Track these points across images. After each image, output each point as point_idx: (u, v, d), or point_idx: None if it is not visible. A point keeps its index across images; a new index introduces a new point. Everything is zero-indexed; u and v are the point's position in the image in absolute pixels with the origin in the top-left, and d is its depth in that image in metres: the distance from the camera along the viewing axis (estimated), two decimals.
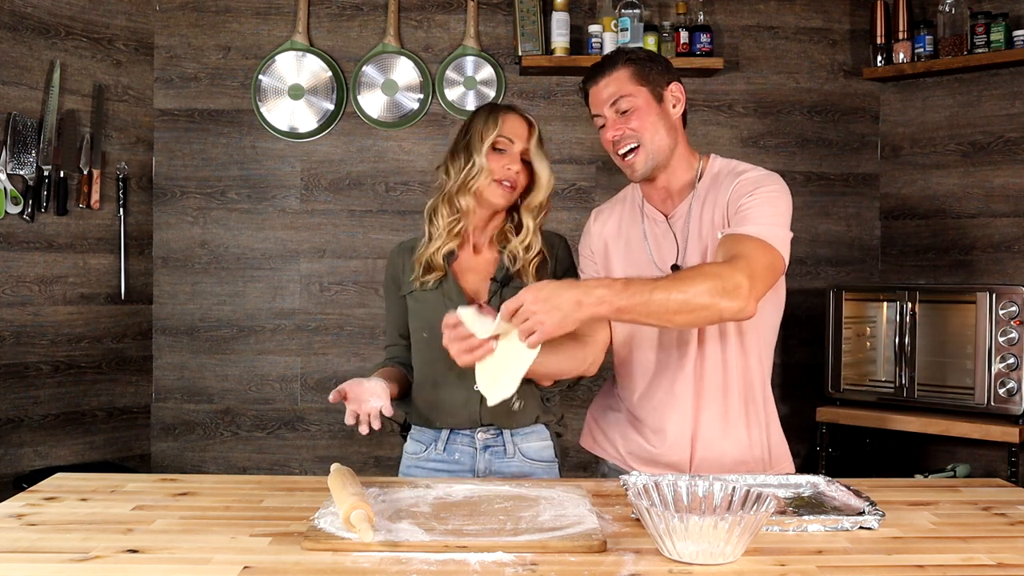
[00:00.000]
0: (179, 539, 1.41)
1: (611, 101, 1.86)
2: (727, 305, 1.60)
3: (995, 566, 1.32)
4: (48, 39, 3.14)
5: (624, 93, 1.85)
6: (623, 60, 1.88)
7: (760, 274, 1.65)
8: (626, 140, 1.85)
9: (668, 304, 1.56)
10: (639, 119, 1.85)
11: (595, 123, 1.95)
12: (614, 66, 1.88)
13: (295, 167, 3.48)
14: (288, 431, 3.47)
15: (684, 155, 1.91)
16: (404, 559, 1.31)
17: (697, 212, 1.88)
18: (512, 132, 2.00)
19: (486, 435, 2.00)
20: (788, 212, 1.81)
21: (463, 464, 2.01)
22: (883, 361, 3.14)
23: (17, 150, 3.04)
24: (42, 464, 3.09)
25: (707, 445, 1.88)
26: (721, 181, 1.87)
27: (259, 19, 3.48)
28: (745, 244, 1.69)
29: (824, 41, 3.56)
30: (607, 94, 1.87)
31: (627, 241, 1.98)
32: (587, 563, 1.31)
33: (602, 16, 3.38)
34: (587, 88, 1.93)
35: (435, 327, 1.96)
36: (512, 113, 2.03)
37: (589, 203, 3.44)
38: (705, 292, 1.58)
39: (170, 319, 3.47)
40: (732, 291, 1.59)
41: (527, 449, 2.02)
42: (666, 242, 1.92)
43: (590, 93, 1.92)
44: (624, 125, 1.85)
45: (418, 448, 2.06)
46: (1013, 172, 3.28)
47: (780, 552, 1.37)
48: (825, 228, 3.58)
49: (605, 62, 1.91)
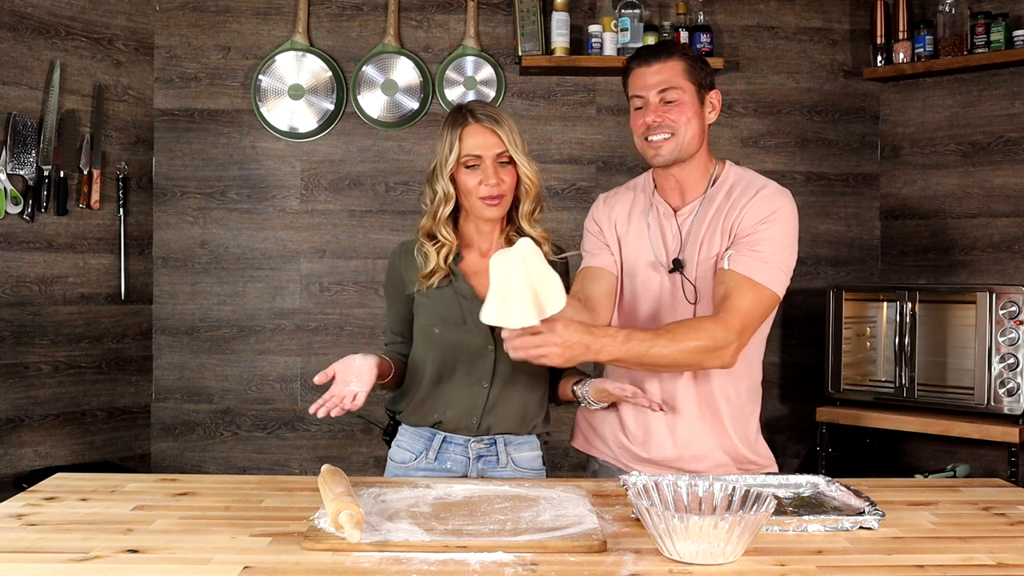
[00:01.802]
0: (179, 539, 1.41)
1: (660, 88, 1.90)
2: (712, 363, 1.80)
3: (995, 566, 1.32)
4: (48, 39, 3.14)
5: (675, 84, 1.90)
6: (679, 53, 1.92)
7: (751, 325, 1.83)
8: (663, 128, 1.90)
9: (661, 360, 1.76)
10: (680, 112, 1.90)
11: (632, 103, 1.96)
12: (670, 55, 1.91)
13: (295, 167, 3.48)
14: (288, 431, 3.47)
15: (703, 158, 1.97)
16: (404, 559, 1.31)
17: (705, 214, 1.93)
18: (476, 147, 1.93)
19: (479, 444, 1.98)
20: (795, 240, 1.92)
21: (455, 473, 1.98)
22: (883, 361, 3.14)
23: (17, 150, 3.04)
24: (42, 464, 3.09)
25: (686, 444, 1.93)
26: (736, 192, 1.93)
27: (259, 19, 3.48)
28: (745, 294, 1.81)
29: (824, 41, 3.56)
30: (657, 79, 1.90)
31: (635, 228, 2.02)
32: (587, 563, 1.31)
33: (602, 16, 3.38)
34: (635, 67, 1.94)
35: (448, 323, 1.97)
36: (471, 124, 1.94)
37: (589, 203, 3.41)
38: (695, 351, 1.76)
39: (170, 319, 3.47)
40: (720, 351, 1.78)
41: (519, 459, 2.00)
42: (670, 235, 1.96)
43: (637, 73, 1.93)
44: (665, 114, 1.89)
45: (406, 456, 2.02)
46: (1013, 172, 3.28)
47: (780, 552, 1.37)
48: (825, 228, 3.58)
49: (660, 48, 1.94)
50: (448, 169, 1.93)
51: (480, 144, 1.92)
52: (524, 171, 1.96)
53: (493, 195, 1.92)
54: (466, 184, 1.93)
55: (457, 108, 2.00)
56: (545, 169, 3.51)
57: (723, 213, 1.91)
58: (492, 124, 1.94)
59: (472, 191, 1.93)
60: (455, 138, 1.93)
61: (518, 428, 1.99)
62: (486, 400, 1.95)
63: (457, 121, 1.95)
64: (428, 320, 2.00)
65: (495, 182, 1.92)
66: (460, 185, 1.95)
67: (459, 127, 1.94)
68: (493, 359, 1.95)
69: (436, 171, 1.96)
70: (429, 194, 1.99)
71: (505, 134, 1.94)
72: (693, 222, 1.94)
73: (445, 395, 1.98)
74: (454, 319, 1.96)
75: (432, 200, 1.97)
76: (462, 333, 1.96)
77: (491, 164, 1.92)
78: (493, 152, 1.93)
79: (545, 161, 3.49)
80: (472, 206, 1.96)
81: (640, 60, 1.94)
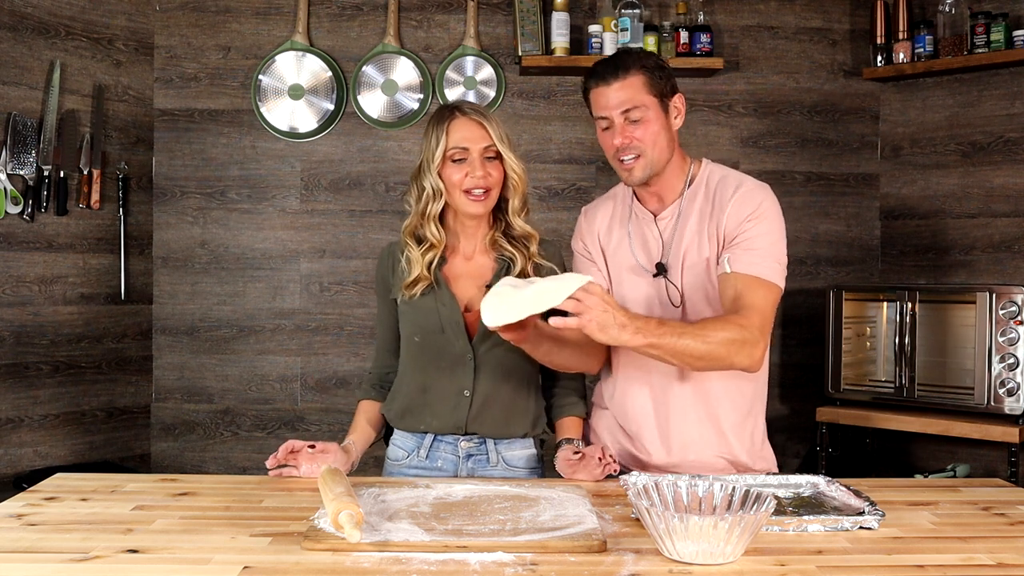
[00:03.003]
0: (179, 539, 1.41)
1: (623, 108, 1.85)
2: (740, 360, 1.75)
3: (995, 566, 1.32)
4: (48, 39, 3.14)
5: (637, 104, 1.85)
6: (637, 67, 1.85)
7: (769, 320, 1.81)
8: (631, 149, 1.86)
9: (692, 351, 1.69)
10: (646, 130, 1.86)
11: (597, 124, 1.93)
12: (627, 71, 1.85)
13: (295, 167, 3.48)
14: (288, 431, 3.47)
15: (677, 161, 1.94)
16: (404, 559, 1.31)
17: (686, 216, 1.92)
18: (464, 139, 1.91)
19: (469, 444, 1.98)
20: (783, 231, 1.89)
21: (446, 471, 1.98)
22: (883, 361, 3.14)
23: (17, 150, 3.04)
24: (42, 464, 3.09)
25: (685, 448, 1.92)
26: (715, 190, 1.91)
27: (259, 19, 3.48)
28: (755, 291, 1.80)
29: (824, 41, 3.56)
30: (618, 100, 1.85)
31: (616, 236, 2.01)
32: (587, 563, 1.31)
33: (602, 16, 3.38)
34: (593, 87, 1.89)
35: (427, 331, 1.96)
36: (458, 118, 1.92)
37: (589, 203, 3.43)
38: (726, 343, 1.72)
39: (170, 319, 3.47)
40: (749, 347, 1.74)
41: (510, 457, 2.00)
42: (652, 240, 1.95)
43: (598, 92, 1.88)
44: (631, 134, 1.85)
45: (400, 454, 2.02)
46: (1013, 172, 3.28)
47: (780, 552, 1.37)
48: (825, 228, 3.58)
49: (617, 64, 1.87)
50: (436, 164, 1.91)
51: (467, 136, 1.91)
52: (511, 165, 1.94)
53: (480, 187, 1.90)
54: (451, 178, 1.91)
55: (443, 106, 1.99)
56: (545, 169, 3.52)
57: (705, 216, 1.89)
58: (479, 117, 1.93)
59: (457, 184, 1.90)
60: (441, 132, 1.91)
61: (505, 432, 1.98)
62: (468, 408, 1.95)
63: (443, 116, 1.94)
64: (409, 328, 1.99)
65: (482, 174, 1.90)
66: (445, 180, 1.92)
67: (445, 121, 1.92)
68: (473, 367, 1.94)
69: (423, 168, 1.94)
70: (415, 192, 1.97)
71: (492, 128, 1.92)
72: (675, 226, 1.92)
73: (429, 404, 1.97)
74: (433, 327, 1.95)
75: (419, 198, 1.95)
76: (441, 342, 1.95)
77: (478, 157, 1.90)
78: (480, 145, 1.91)
79: (545, 161, 3.49)
80: (457, 202, 1.93)
81: (599, 79, 1.88)
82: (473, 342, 1.94)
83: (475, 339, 1.94)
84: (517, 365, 1.96)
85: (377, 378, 2.10)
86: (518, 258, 1.97)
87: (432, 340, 1.96)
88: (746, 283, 1.81)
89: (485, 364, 1.94)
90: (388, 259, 2.06)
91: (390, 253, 2.06)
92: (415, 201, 1.97)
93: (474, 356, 1.94)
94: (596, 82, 1.89)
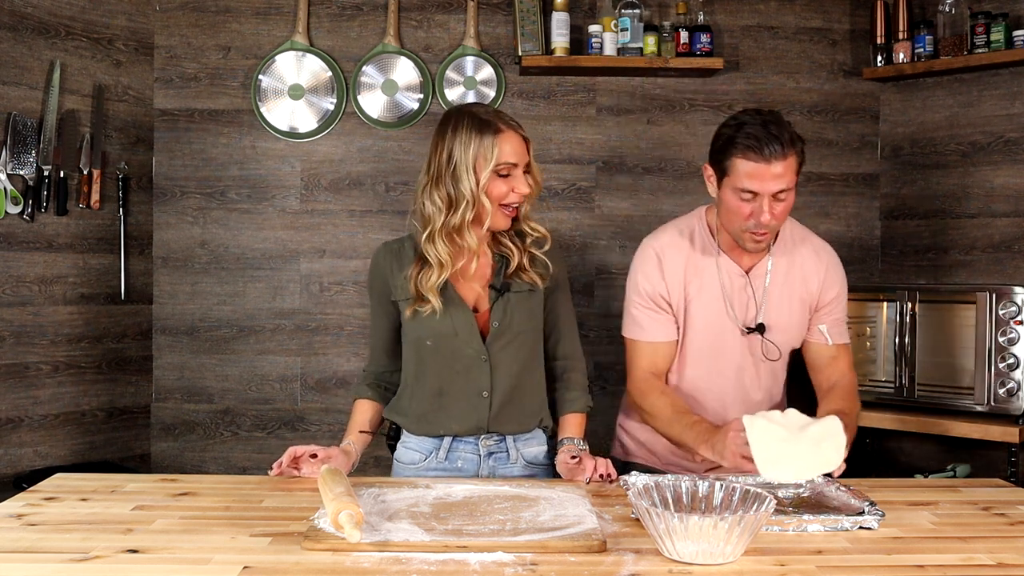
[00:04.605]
0: (179, 539, 1.41)
1: (779, 189, 1.86)
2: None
3: (995, 566, 1.32)
4: (48, 39, 3.14)
5: (790, 186, 1.88)
6: (792, 148, 1.86)
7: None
8: (773, 228, 1.91)
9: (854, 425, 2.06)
10: (786, 207, 1.91)
11: (736, 192, 1.88)
12: (785, 153, 1.84)
13: (295, 167, 3.48)
14: (288, 431, 3.47)
15: None
16: (404, 559, 1.31)
17: (775, 273, 2.04)
18: (513, 154, 1.89)
19: (490, 441, 1.99)
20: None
21: (466, 472, 2.00)
22: (883, 361, 3.14)
23: (17, 150, 3.04)
24: (42, 464, 3.09)
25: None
26: (796, 248, 2.07)
27: (259, 19, 3.48)
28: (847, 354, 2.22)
29: (824, 41, 3.56)
30: (777, 184, 1.85)
31: (705, 292, 2.04)
32: (587, 563, 1.31)
33: (602, 16, 3.38)
34: (754, 160, 1.83)
35: (440, 335, 1.96)
36: (507, 132, 1.89)
37: (589, 203, 3.44)
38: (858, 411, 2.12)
39: (170, 319, 3.47)
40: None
41: (528, 454, 2.02)
42: (745, 298, 2.03)
43: (756, 169, 1.83)
44: (774, 211, 1.87)
45: (416, 457, 2.01)
46: (1013, 172, 3.28)
47: (780, 552, 1.37)
48: (825, 228, 3.58)
49: (783, 142, 1.83)
50: (484, 176, 1.87)
51: (516, 152, 1.90)
52: (537, 177, 1.96)
53: (517, 202, 1.92)
54: (496, 191, 1.89)
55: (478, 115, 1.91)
56: (545, 169, 3.50)
57: (794, 280, 2.05)
58: (523, 132, 1.93)
59: (499, 198, 1.89)
60: (492, 145, 1.86)
61: (524, 427, 2.01)
62: (489, 409, 1.96)
63: (489, 127, 1.88)
64: (419, 333, 1.97)
65: (526, 191, 1.91)
66: (489, 192, 1.89)
67: (492, 133, 1.87)
68: (489, 368, 1.95)
69: (459, 172, 1.87)
70: (443, 196, 1.90)
71: (531, 144, 1.95)
72: (766, 281, 2.03)
73: (448, 408, 1.97)
74: (446, 331, 1.95)
75: (453, 201, 1.89)
76: (455, 345, 1.95)
77: (522, 172, 1.91)
78: (525, 160, 1.92)
79: (545, 161, 3.48)
80: (491, 214, 1.91)
81: (760, 155, 1.82)
82: (487, 342, 1.95)
83: (488, 339, 1.95)
84: (527, 360, 1.99)
85: (373, 377, 2.10)
86: (515, 253, 1.98)
87: (445, 344, 1.96)
88: (842, 352, 2.17)
89: (500, 363, 1.96)
90: (387, 259, 2.04)
91: (386, 254, 2.05)
92: (444, 206, 1.90)
93: (489, 357, 1.95)
94: (756, 157, 1.84)
